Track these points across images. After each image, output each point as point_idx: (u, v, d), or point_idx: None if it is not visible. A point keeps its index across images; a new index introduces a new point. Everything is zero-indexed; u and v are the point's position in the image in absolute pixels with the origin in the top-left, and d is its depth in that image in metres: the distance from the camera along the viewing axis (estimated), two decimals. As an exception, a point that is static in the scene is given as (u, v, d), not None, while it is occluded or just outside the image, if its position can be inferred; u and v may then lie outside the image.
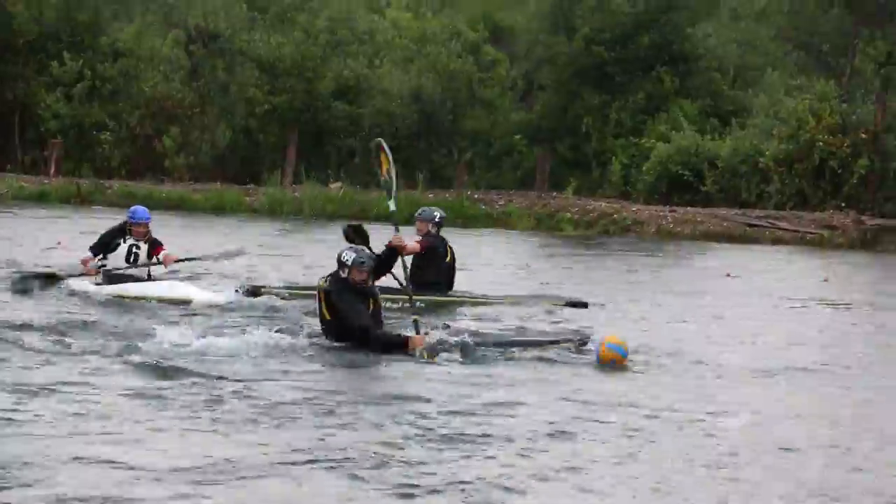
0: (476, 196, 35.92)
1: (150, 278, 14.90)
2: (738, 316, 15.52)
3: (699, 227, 32.61)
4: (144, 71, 42.60)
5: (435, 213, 16.21)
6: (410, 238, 14.49)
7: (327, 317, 11.16)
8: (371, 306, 11.20)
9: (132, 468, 6.91)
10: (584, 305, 15.50)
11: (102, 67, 42.38)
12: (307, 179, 37.00)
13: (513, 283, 18.70)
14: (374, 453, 7.44)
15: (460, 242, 27.43)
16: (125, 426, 7.93)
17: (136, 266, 14.98)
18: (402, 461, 7.36)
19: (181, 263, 15.96)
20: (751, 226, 32.65)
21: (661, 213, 33.83)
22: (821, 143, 35.44)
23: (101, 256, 15.07)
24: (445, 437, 8.01)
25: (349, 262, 11.14)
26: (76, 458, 7.06)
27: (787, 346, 13.01)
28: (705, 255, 26.65)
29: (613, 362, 10.78)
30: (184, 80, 42.74)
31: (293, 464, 7.18)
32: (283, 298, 14.77)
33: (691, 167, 37.32)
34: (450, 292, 15.64)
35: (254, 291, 15.00)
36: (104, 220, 18.86)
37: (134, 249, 15.05)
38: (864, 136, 35.55)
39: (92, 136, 41.76)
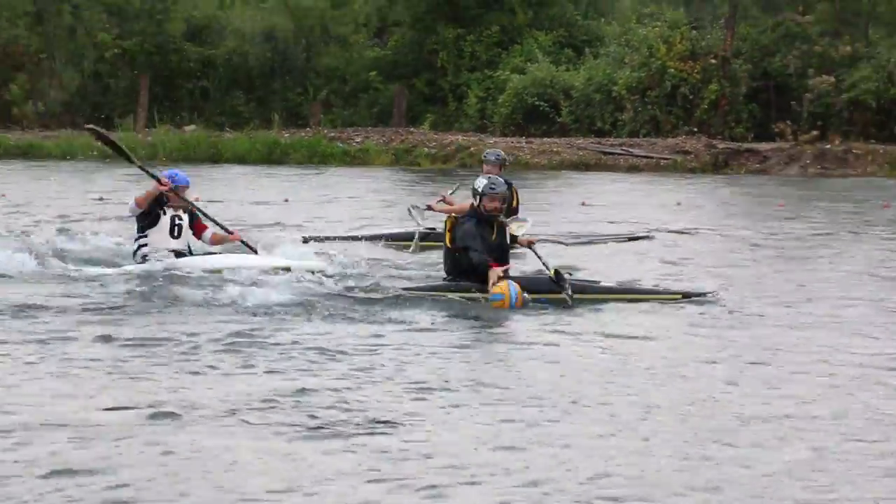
0: (333, 134, 35.76)
1: (190, 254, 12.62)
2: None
3: (556, 157, 32.88)
4: (-13, 17, 41.59)
5: (502, 155, 15.87)
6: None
7: (447, 244, 11.20)
8: (494, 236, 11.07)
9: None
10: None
11: (-58, 14, 41.31)
12: (160, 123, 36.48)
13: (376, 220, 18.66)
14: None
15: (318, 182, 27.45)
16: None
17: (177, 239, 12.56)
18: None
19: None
20: (606, 154, 33.01)
21: (518, 145, 34.02)
22: (672, 70, 35.90)
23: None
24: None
25: (480, 190, 11.11)
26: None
27: (639, 268, 13.20)
28: (561, 184, 26.88)
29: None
30: (29, 26, 41.75)
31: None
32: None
33: (546, 98, 37.55)
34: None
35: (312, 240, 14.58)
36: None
37: (176, 221, 12.56)
38: (713, 61, 36.07)
39: (-65, 85, 40.72)
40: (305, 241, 14.65)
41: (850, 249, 15.32)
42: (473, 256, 10.88)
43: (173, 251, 12.38)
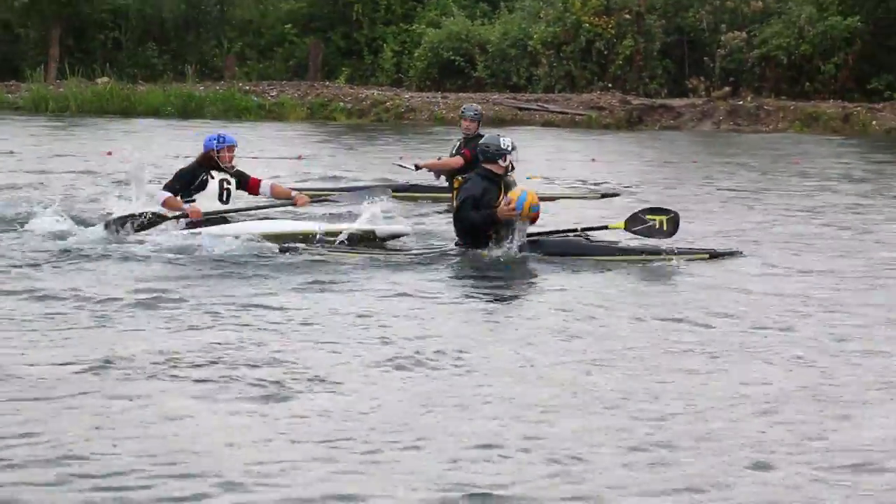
0: (248, 87, 35.55)
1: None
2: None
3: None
4: None
5: (478, 109, 15.90)
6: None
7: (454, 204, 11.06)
8: (500, 196, 10.86)
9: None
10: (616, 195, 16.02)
11: None
12: (72, 75, 36.01)
13: (291, 175, 18.65)
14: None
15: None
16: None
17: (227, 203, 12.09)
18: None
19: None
20: (521, 109, 33.15)
21: (434, 100, 34.05)
22: (587, 25, 36.04)
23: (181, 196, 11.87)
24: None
25: (503, 148, 10.96)
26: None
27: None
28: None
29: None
30: (-65, -26, 41.00)
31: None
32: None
33: (462, 53, 37.55)
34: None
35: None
36: None
37: (225, 185, 12.05)
38: (627, 16, 36.26)
39: None
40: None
41: (763, 204, 15.59)
42: (476, 217, 10.69)
43: (221, 215, 11.82)
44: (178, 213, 11.70)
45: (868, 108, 31.61)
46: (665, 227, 10.99)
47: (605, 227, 11.27)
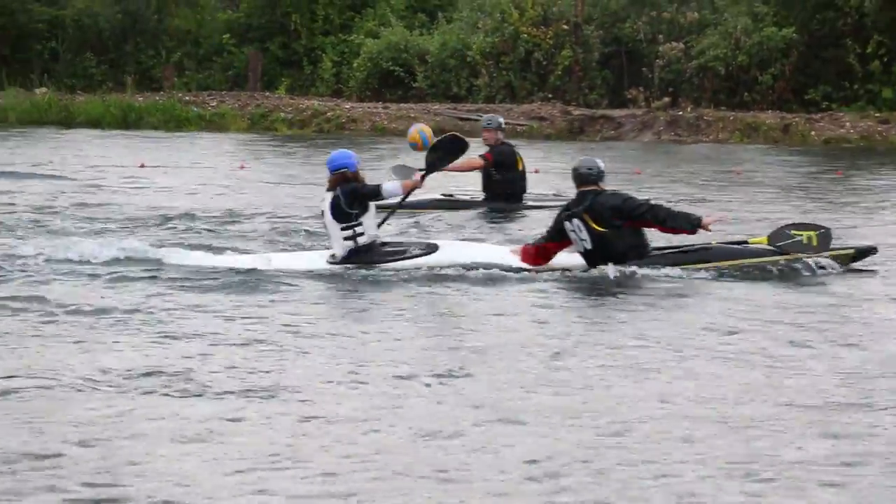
0: (187, 98, 35.40)
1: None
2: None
3: (412, 122, 32.90)
4: None
5: (500, 120, 16.16)
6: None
7: (597, 227, 10.64)
8: None
9: None
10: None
11: None
12: (10, 85, 35.70)
13: (228, 187, 18.65)
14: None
15: (173, 146, 27.20)
16: None
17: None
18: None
19: None
20: (462, 119, 33.22)
21: (375, 110, 34.09)
22: (525, 36, 36.21)
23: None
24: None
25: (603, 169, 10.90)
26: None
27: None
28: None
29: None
30: None
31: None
32: None
33: (402, 63, 37.60)
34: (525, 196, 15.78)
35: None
36: None
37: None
38: (565, 27, 36.47)
39: None
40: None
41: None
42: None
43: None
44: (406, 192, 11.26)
45: (806, 119, 31.97)
46: (815, 243, 10.68)
47: (745, 243, 11.08)
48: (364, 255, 10.90)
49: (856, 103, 33.46)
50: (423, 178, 11.22)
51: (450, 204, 15.80)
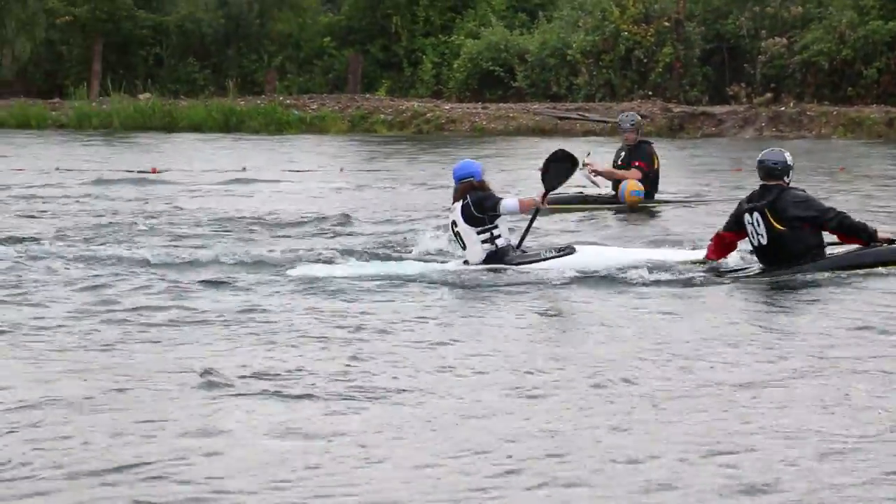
0: (288, 101, 35.70)
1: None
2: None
3: (511, 122, 32.96)
4: (-66, -14, 41.18)
5: (637, 117, 16.35)
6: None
7: (778, 224, 10.34)
8: None
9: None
10: None
11: None
12: (114, 91, 36.28)
13: (327, 190, 18.73)
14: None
15: (278, 150, 27.43)
16: None
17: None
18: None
19: None
20: (562, 118, 33.12)
21: (474, 111, 34.11)
22: (626, 34, 36.03)
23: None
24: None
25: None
26: None
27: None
28: (516, 149, 26.93)
29: None
30: (-23, -6, 41.41)
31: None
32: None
33: (501, 63, 37.60)
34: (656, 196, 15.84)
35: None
36: None
37: None
38: (667, 24, 36.22)
39: None
40: None
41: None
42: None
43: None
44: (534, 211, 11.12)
45: (912, 112, 31.44)
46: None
47: None
48: (501, 259, 10.78)
49: (963, 96, 32.87)
50: (543, 197, 11.05)
51: (583, 200, 15.70)
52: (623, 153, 15.72)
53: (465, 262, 10.92)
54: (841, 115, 31.58)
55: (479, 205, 10.77)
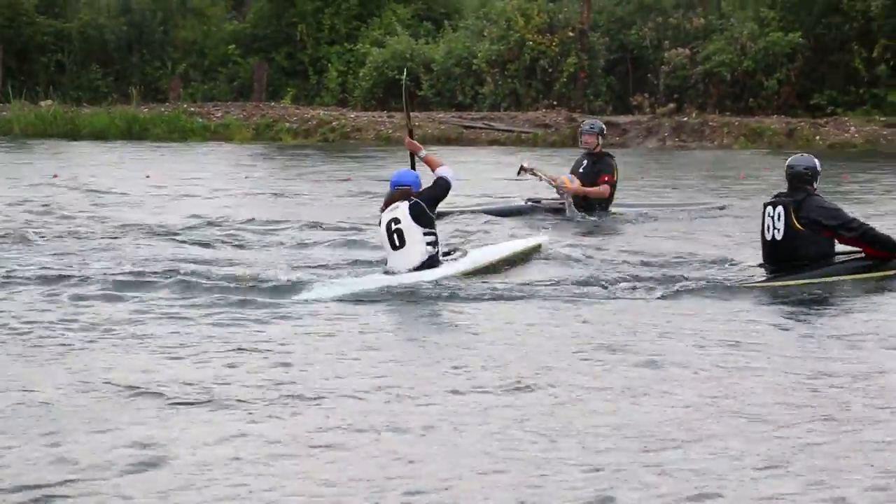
0: (192, 109, 35.42)
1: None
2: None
3: (417, 131, 32.93)
4: None
5: (602, 125, 16.11)
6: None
7: (798, 225, 10.42)
8: None
9: None
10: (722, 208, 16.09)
11: None
12: (15, 98, 35.76)
13: (235, 196, 18.63)
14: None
15: (180, 157, 27.22)
16: None
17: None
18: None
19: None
20: (467, 127, 33.22)
21: (380, 119, 34.08)
22: (531, 43, 36.23)
23: None
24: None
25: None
26: None
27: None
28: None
29: None
30: None
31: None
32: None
33: (407, 72, 37.54)
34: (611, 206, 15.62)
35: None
36: None
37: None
38: (571, 34, 36.47)
39: None
40: None
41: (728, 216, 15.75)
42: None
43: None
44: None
45: (811, 124, 31.91)
46: None
47: None
48: (433, 264, 10.78)
49: (861, 108, 33.41)
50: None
51: (533, 209, 15.66)
52: (585, 162, 15.47)
53: (386, 271, 10.82)
54: (742, 125, 31.97)
55: (432, 199, 10.77)
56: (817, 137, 31.11)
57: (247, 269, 10.90)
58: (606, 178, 15.20)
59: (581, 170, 15.45)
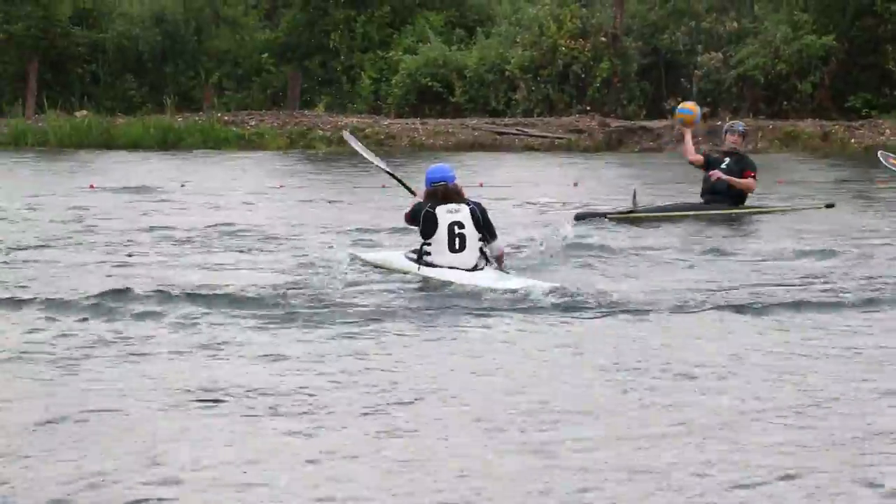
0: (226, 118, 35.55)
1: None
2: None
3: (451, 137, 33.03)
4: None
5: (744, 126, 17.30)
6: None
7: None
8: None
9: None
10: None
11: None
12: (50, 109, 35.98)
13: (267, 203, 18.69)
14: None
15: (218, 165, 27.31)
16: None
17: None
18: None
19: None
20: (501, 134, 33.23)
21: (413, 126, 34.12)
22: (563, 49, 36.22)
23: None
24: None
25: None
26: None
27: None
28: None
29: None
30: (-90, 11, 40.98)
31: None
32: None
33: (440, 78, 37.67)
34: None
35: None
36: None
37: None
38: (604, 39, 36.45)
39: None
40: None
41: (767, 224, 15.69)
42: None
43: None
44: None
45: (846, 127, 31.79)
46: None
47: None
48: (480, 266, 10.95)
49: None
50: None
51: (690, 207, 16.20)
52: (728, 159, 16.07)
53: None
54: (777, 129, 31.88)
55: (487, 222, 10.98)
56: (852, 140, 31.00)
57: (298, 276, 10.96)
58: (753, 174, 15.99)
59: (724, 166, 16.07)
